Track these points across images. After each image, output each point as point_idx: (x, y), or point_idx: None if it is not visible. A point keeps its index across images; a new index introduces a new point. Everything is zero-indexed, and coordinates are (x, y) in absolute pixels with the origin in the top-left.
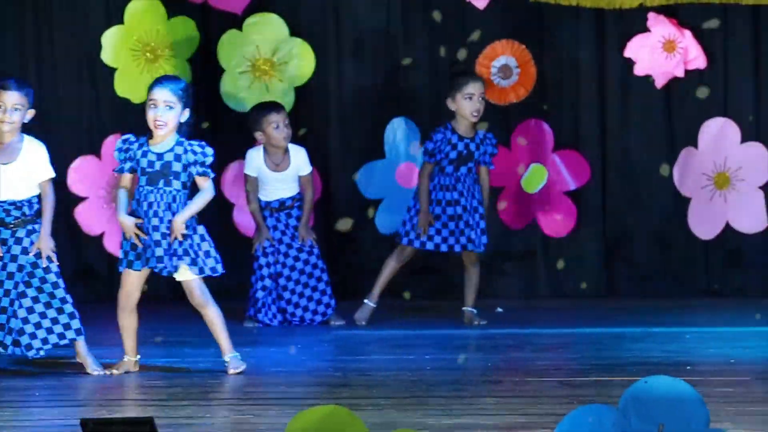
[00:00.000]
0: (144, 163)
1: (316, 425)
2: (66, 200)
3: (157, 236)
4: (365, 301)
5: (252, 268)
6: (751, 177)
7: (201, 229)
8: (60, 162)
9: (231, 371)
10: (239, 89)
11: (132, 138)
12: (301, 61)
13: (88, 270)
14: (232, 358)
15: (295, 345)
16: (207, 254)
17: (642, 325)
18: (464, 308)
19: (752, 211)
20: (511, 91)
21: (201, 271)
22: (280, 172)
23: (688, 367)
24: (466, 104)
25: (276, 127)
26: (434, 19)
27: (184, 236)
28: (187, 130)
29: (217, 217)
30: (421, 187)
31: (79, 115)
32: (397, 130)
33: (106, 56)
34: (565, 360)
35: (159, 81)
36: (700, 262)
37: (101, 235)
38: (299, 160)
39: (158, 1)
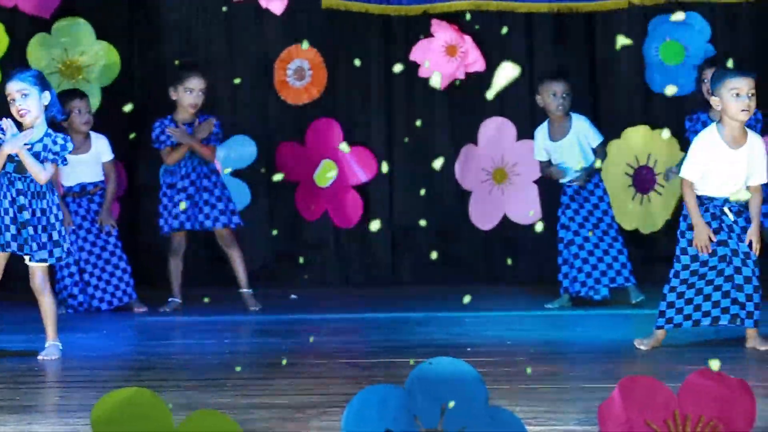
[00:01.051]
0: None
1: (121, 407)
2: None
3: (22, 221)
4: (169, 299)
5: None
6: (526, 172)
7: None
8: None
9: (40, 356)
10: None
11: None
12: (107, 62)
13: None
14: (50, 345)
15: (101, 331)
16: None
17: (426, 310)
18: (240, 290)
19: (527, 203)
20: (304, 92)
21: (51, 255)
22: (80, 155)
23: (469, 349)
24: (186, 96)
25: (78, 112)
26: (234, 21)
27: (49, 224)
28: (56, 111)
29: None
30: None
31: None
32: None
33: None
34: (355, 343)
35: (8, 77)
36: (479, 251)
37: None
38: (100, 146)
39: None
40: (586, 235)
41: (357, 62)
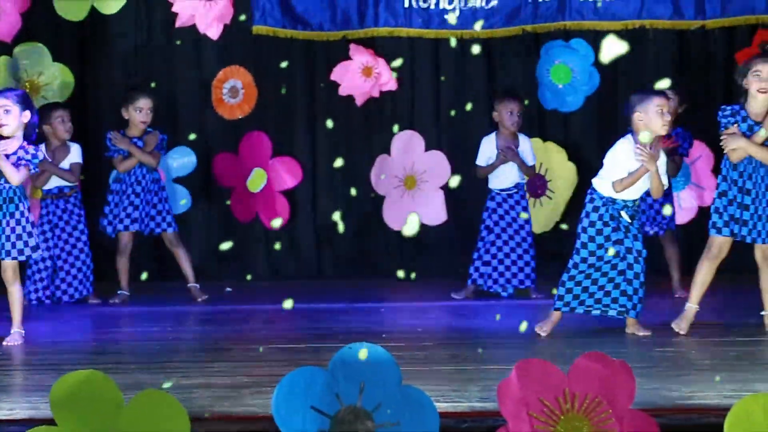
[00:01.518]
0: None
1: (77, 386)
2: None
3: None
4: (118, 292)
5: None
6: (433, 179)
7: (28, 215)
8: None
9: (5, 341)
10: None
11: None
12: (63, 82)
13: None
14: (15, 332)
15: (59, 320)
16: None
17: (346, 301)
18: (188, 285)
19: (434, 207)
20: (237, 108)
21: (21, 253)
22: (59, 163)
23: (384, 335)
24: (136, 115)
25: (62, 120)
26: (175, 45)
27: (18, 222)
28: (32, 131)
29: None
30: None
31: None
32: None
33: None
34: (285, 330)
35: None
36: (393, 249)
37: None
38: (73, 151)
39: None
40: (506, 239)
41: (283, 85)
